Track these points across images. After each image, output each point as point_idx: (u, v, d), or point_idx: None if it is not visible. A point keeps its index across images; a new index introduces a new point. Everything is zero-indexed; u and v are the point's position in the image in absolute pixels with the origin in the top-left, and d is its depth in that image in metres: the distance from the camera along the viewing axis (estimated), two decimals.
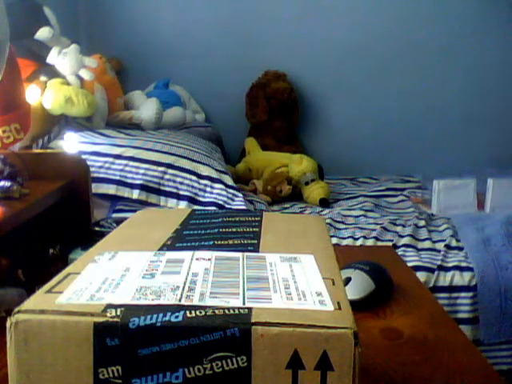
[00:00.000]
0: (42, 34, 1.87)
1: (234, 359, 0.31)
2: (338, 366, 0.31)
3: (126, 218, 0.58)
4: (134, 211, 1.74)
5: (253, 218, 0.54)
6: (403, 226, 1.87)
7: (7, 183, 0.88)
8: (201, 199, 1.83)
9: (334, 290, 0.36)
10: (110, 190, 1.78)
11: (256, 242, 0.47)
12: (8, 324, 0.31)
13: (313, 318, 0.32)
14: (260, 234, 0.49)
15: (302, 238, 0.49)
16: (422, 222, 1.89)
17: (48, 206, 0.92)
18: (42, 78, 1.76)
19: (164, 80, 2.67)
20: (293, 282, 0.37)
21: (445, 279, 1.53)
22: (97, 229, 0.93)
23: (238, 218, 0.53)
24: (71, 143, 1.78)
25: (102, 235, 0.90)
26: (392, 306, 0.77)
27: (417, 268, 1.53)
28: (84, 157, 1.09)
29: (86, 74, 1.87)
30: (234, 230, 0.49)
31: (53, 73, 1.81)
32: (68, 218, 0.96)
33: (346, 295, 0.36)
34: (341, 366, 0.31)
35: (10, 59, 1.01)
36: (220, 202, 1.82)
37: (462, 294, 1.51)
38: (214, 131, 2.56)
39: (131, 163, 1.81)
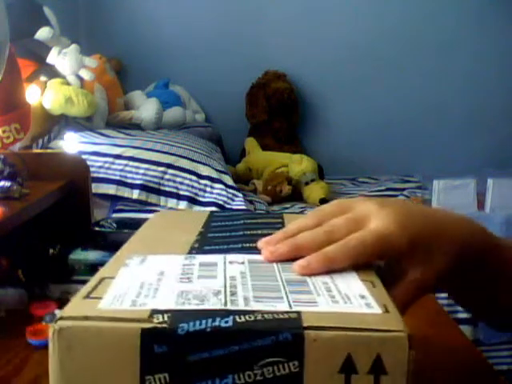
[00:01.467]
0: (42, 34, 1.87)
1: (286, 364, 0.30)
2: (392, 369, 0.30)
3: (126, 218, 0.57)
4: (134, 211, 1.76)
5: (274, 220, 0.53)
6: None
7: (7, 183, 0.88)
8: (201, 199, 1.83)
9: (376, 293, 0.35)
10: (110, 190, 1.78)
11: None
12: (51, 331, 0.31)
13: (365, 321, 0.31)
14: None
15: None
16: None
17: (48, 205, 0.92)
18: (42, 78, 1.76)
19: (164, 80, 2.67)
20: (333, 285, 0.36)
21: None
22: (97, 229, 0.93)
23: (259, 220, 0.53)
24: (71, 143, 1.78)
25: (102, 235, 0.91)
26: None
27: None
28: (84, 157, 1.09)
29: (86, 74, 1.87)
30: (259, 232, 0.48)
31: (53, 73, 1.81)
32: (68, 217, 0.96)
33: (390, 297, 0.35)
34: (394, 369, 0.30)
35: (10, 59, 1.01)
36: (220, 202, 1.82)
37: None
38: (214, 131, 2.56)
39: (131, 163, 1.81)
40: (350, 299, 0.34)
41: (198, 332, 0.30)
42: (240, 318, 0.31)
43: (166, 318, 0.31)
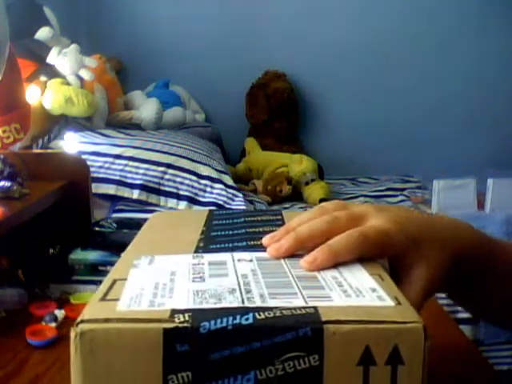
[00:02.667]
0: (42, 34, 1.87)
1: (306, 358, 0.31)
2: (409, 360, 0.31)
3: (126, 218, 0.58)
4: (134, 211, 1.76)
5: (274, 217, 0.53)
6: None
7: (7, 183, 0.88)
8: (201, 199, 1.83)
9: (386, 286, 0.36)
10: (110, 190, 1.78)
11: None
12: (72, 335, 0.31)
13: (380, 313, 0.32)
14: None
15: None
16: None
17: (48, 205, 0.92)
18: (42, 78, 1.76)
19: (164, 80, 2.67)
20: (343, 280, 0.37)
21: None
22: (97, 229, 0.93)
23: (259, 218, 0.53)
24: (71, 143, 1.78)
25: (102, 235, 0.91)
26: None
27: None
28: (84, 157, 1.09)
29: (86, 74, 1.87)
30: (261, 229, 0.48)
31: (53, 73, 1.81)
32: (68, 218, 0.96)
33: (399, 289, 0.36)
34: (411, 360, 0.31)
35: (10, 59, 1.01)
36: (220, 202, 1.82)
37: None
38: (214, 131, 2.56)
39: (131, 163, 1.81)
40: (362, 293, 0.35)
41: (219, 330, 0.30)
42: (260, 315, 0.31)
43: (187, 318, 0.31)
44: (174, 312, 0.32)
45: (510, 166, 2.51)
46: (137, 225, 0.53)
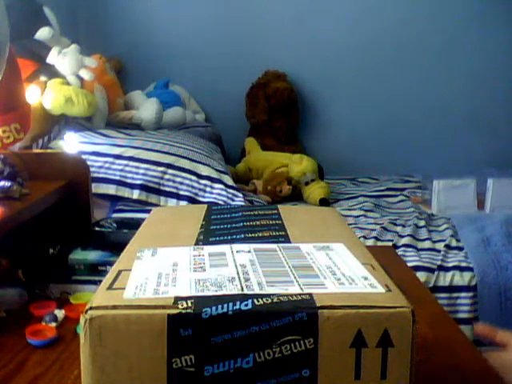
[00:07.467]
0: (42, 34, 1.87)
1: (302, 342, 0.32)
2: (398, 342, 0.33)
3: (126, 218, 0.59)
4: (134, 211, 1.76)
5: (270, 212, 0.55)
6: (403, 226, 1.87)
7: (7, 183, 0.88)
8: (201, 199, 1.83)
9: (377, 274, 0.38)
10: (110, 190, 1.78)
11: (284, 233, 0.48)
12: (82, 321, 0.33)
13: (371, 299, 0.34)
14: (284, 225, 0.50)
15: (326, 229, 0.51)
16: (422, 222, 1.89)
17: (48, 205, 0.92)
18: (42, 78, 1.76)
19: (164, 80, 2.67)
20: (337, 269, 0.39)
21: (445, 279, 1.53)
22: (97, 229, 0.93)
23: (256, 212, 0.55)
24: (71, 143, 1.78)
25: (102, 235, 0.91)
26: None
27: (417, 268, 1.53)
28: (84, 157, 1.09)
29: (85, 74, 1.87)
30: (258, 223, 0.51)
31: (53, 73, 1.81)
32: (68, 218, 0.96)
33: (391, 278, 0.38)
34: (400, 342, 0.33)
35: (10, 59, 1.01)
36: (220, 202, 1.82)
37: (462, 294, 1.51)
38: (214, 131, 2.56)
39: (131, 163, 1.81)
40: (355, 281, 0.36)
41: (220, 315, 0.32)
42: (258, 301, 0.33)
43: (190, 304, 0.33)
44: (178, 299, 0.33)
45: (510, 166, 2.51)
46: (137, 225, 0.54)
